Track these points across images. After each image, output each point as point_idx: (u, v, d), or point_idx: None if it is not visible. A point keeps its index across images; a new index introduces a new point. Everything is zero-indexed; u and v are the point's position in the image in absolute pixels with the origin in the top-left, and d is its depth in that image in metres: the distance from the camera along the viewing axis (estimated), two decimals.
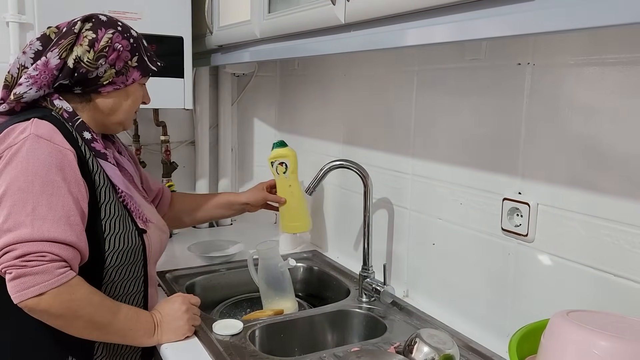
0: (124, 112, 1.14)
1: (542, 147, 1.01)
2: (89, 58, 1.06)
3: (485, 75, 1.13)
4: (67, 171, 0.99)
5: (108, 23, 1.10)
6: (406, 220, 1.38)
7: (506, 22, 0.72)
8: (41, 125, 1.00)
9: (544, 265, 1.02)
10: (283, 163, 1.61)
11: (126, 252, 1.09)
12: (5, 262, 0.92)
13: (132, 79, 1.12)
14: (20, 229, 0.93)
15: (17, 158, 0.97)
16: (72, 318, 0.97)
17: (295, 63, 1.90)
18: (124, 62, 1.10)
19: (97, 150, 1.08)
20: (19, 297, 0.92)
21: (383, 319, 1.27)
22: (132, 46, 1.11)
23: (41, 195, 0.95)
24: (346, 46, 1.03)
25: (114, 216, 1.07)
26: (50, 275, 0.92)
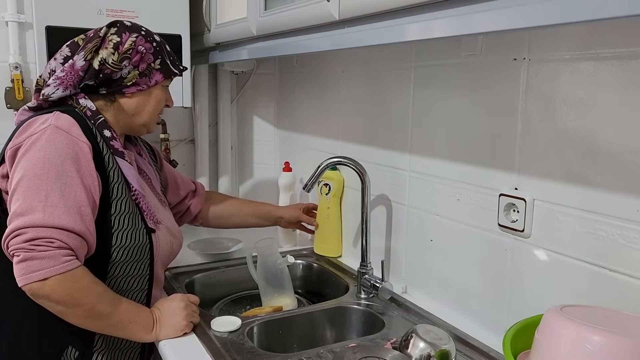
0: (147, 113, 1.18)
1: (538, 143, 1.01)
2: (113, 60, 1.10)
3: (481, 71, 1.13)
4: (82, 163, 1.02)
5: (132, 28, 1.15)
6: (404, 217, 1.38)
7: (504, 15, 0.71)
8: (62, 117, 1.04)
9: (540, 260, 1.02)
10: (327, 185, 1.63)
11: (132, 249, 1.10)
12: (15, 244, 0.94)
13: (155, 81, 1.16)
14: (32, 214, 0.95)
15: (35, 146, 1.00)
16: (73, 305, 0.98)
17: (294, 60, 1.90)
18: (147, 64, 1.14)
19: (115, 149, 1.11)
20: (24, 280, 0.94)
21: (381, 315, 1.27)
22: (155, 49, 1.15)
23: (55, 184, 0.98)
24: (341, 42, 1.03)
25: (124, 212, 1.09)
26: (56, 261, 0.94)
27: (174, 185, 1.44)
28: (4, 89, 1.72)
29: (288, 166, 1.73)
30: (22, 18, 1.72)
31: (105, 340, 1.10)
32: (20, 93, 1.71)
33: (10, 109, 1.73)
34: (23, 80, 1.72)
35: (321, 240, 1.68)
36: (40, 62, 1.50)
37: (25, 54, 1.75)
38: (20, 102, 1.71)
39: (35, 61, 1.73)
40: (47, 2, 1.48)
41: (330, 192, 1.63)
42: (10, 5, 1.70)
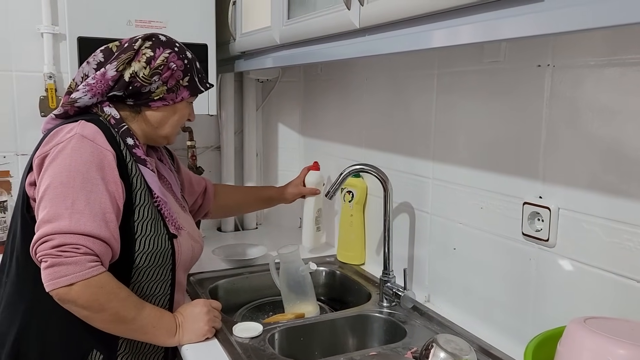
0: (170, 126, 1.21)
1: (563, 150, 0.99)
2: (144, 74, 1.13)
3: (504, 78, 1.11)
4: (107, 171, 1.05)
5: (166, 43, 1.17)
6: (427, 225, 1.37)
7: (531, 21, 0.70)
8: (87, 126, 1.07)
9: (565, 270, 1.00)
10: (350, 192, 1.63)
11: (155, 254, 1.12)
12: (43, 251, 0.97)
13: (181, 97, 1.19)
14: (59, 221, 0.98)
15: (61, 155, 1.03)
16: (98, 310, 1.00)
17: (318, 68, 1.91)
18: (175, 81, 1.16)
19: (138, 156, 1.13)
20: (51, 285, 0.96)
21: (403, 324, 1.26)
22: (186, 67, 1.17)
23: (81, 191, 1.01)
24: (362, 50, 1.03)
25: (146, 218, 1.11)
26: (82, 266, 0.97)
27: (189, 185, 1.47)
28: (38, 98, 1.78)
29: (317, 165, 1.69)
30: (57, 29, 1.78)
31: (129, 344, 1.12)
32: (53, 102, 1.77)
33: (45, 117, 1.79)
34: (56, 89, 1.78)
35: (344, 248, 1.68)
36: (73, 72, 1.54)
37: (58, 64, 1.81)
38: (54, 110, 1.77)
39: (67, 71, 1.79)
40: (79, 14, 1.53)
41: (353, 199, 1.63)
42: (45, 17, 1.76)
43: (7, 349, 1.07)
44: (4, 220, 1.74)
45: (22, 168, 1.81)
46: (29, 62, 1.78)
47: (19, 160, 1.81)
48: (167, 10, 1.61)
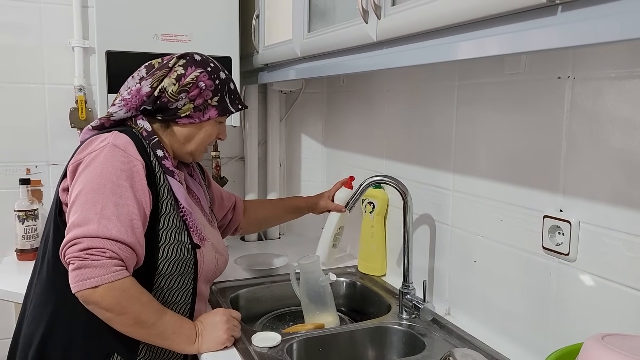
0: (195, 143, 1.23)
1: (584, 163, 0.98)
2: (172, 90, 1.17)
3: (525, 89, 1.10)
4: (136, 179, 1.09)
5: (200, 63, 1.20)
6: (447, 237, 1.36)
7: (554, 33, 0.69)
8: (119, 137, 1.11)
9: (586, 285, 0.98)
10: (371, 203, 1.64)
11: (177, 263, 1.15)
12: (71, 253, 1.01)
13: (208, 116, 1.21)
14: (88, 225, 1.02)
15: (94, 163, 1.08)
16: (120, 313, 1.03)
17: (341, 79, 1.92)
18: (203, 100, 1.19)
19: (167, 167, 1.17)
20: (77, 286, 1.00)
21: (422, 337, 1.25)
22: (216, 87, 1.20)
23: (110, 197, 1.05)
24: (379, 63, 1.04)
25: (171, 227, 1.14)
26: (107, 270, 1.00)
27: (219, 200, 1.49)
28: (69, 110, 1.84)
29: (350, 184, 1.62)
30: (87, 43, 1.85)
31: (149, 349, 1.14)
32: (83, 113, 1.83)
33: (74, 128, 1.85)
34: (86, 101, 1.84)
35: (365, 259, 1.68)
36: (101, 85, 1.60)
37: (88, 77, 1.87)
38: (84, 122, 1.83)
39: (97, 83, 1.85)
40: (107, 29, 1.58)
41: (374, 210, 1.63)
42: (76, 31, 1.83)
43: (34, 348, 1.10)
44: (35, 228, 1.80)
45: (52, 177, 1.87)
46: (60, 75, 1.85)
47: (50, 169, 1.87)
48: (192, 24, 1.65)
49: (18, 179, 1.79)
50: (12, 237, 1.80)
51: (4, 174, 1.82)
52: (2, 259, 1.81)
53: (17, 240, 1.79)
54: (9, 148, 1.82)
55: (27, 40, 1.80)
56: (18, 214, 1.77)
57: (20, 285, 1.54)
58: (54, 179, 1.88)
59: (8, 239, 1.81)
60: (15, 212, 1.78)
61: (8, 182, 1.82)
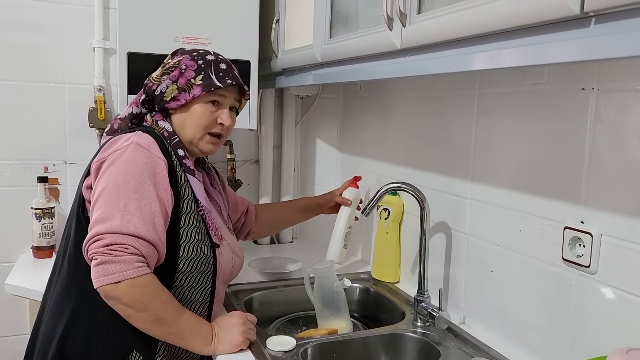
0: (189, 129, 1.20)
1: (607, 175, 0.97)
2: (156, 75, 1.21)
3: (547, 100, 1.10)
4: (158, 178, 1.10)
5: (187, 51, 1.23)
6: (464, 246, 1.36)
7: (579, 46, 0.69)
8: (143, 136, 1.14)
9: (607, 298, 0.97)
10: (387, 210, 1.63)
11: (197, 261, 1.16)
12: (94, 249, 1.02)
13: (193, 95, 1.18)
14: (111, 221, 1.03)
15: (118, 161, 1.09)
16: (141, 309, 1.04)
17: (358, 85, 1.93)
18: (186, 80, 1.18)
19: (187, 167, 1.18)
20: (100, 281, 1.01)
21: (437, 345, 1.25)
22: (199, 66, 1.19)
23: (133, 195, 1.06)
24: (402, 70, 1.05)
25: (191, 226, 1.15)
26: (129, 266, 1.01)
27: (233, 204, 1.50)
28: (88, 110, 1.86)
29: (355, 183, 1.64)
30: (107, 44, 1.86)
31: (167, 348, 1.15)
32: (102, 113, 1.85)
33: (93, 127, 1.87)
34: (105, 101, 1.86)
35: (379, 265, 1.68)
36: (121, 86, 1.61)
37: (108, 77, 1.88)
38: (102, 122, 1.84)
39: (116, 84, 1.86)
40: (129, 30, 1.59)
41: (389, 217, 1.63)
42: (97, 32, 1.84)
43: (55, 344, 1.11)
44: (52, 226, 1.82)
45: (70, 176, 1.89)
46: (80, 75, 1.86)
47: (67, 168, 1.89)
48: (212, 27, 1.67)
49: (36, 177, 1.81)
50: (28, 235, 1.82)
51: (23, 172, 1.84)
52: (19, 256, 1.83)
53: (34, 237, 1.80)
54: (28, 146, 1.84)
55: (48, 40, 1.82)
56: (35, 211, 1.79)
57: (36, 283, 1.56)
58: (71, 177, 1.89)
59: (25, 236, 1.83)
60: (33, 209, 1.79)
61: (26, 180, 1.84)
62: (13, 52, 1.79)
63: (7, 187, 1.83)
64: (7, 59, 1.79)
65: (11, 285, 1.57)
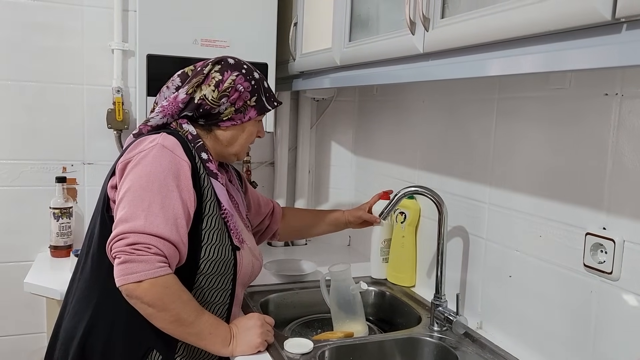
0: (239, 144, 1.27)
1: (630, 181, 0.97)
2: (213, 97, 1.20)
3: (569, 105, 1.10)
4: (182, 179, 1.11)
5: (234, 66, 1.24)
6: (482, 250, 1.35)
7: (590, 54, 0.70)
8: (168, 138, 1.15)
9: (630, 305, 0.97)
10: (403, 213, 1.64)
11: (218, 263, 1.17)
12: (117, 247, 1.04)
13: (249, 117, 1.24)
14: (135, 221, 1.04)
15: (144, 161, 1.11)
16: (162, 309, 1.05)
17: (374, 89, 1.93)
18: (243, 102, 1.22)
19: (210, 170, 1.20)
20: (122, 280, 1.02)
21: (454, 350, 1.25)
22: (253, 87, 1.24)
23: (157, 195, 1.07)
24: (425, 74, 1.05)
25: (213, 228, 1.16)
26: (151, 265, 1.02)
27: (256, 206, 1.50)
28: (106, 111, 1.87)
29: (387, 195, 1.64)
30: (126, 46, 1.88)
31: (187, 348, 1.16)
32: (120, 115, 1.86)
33: (111, 129, 1.88)
34: (123, 102, 1.87)
35: (395, 269, 1.68)
36: (140, 87, 1.63)
37: (126, 79, 1.90)
38: (120, 123, 1.86)
39: (135, 85, 1.88)
40: (149, 33, 1.61)
41: (405, 220, 1.63)
42: (116, 34, 1.86)
43: (76, 342, 1.12)
44: (69, 226, 1.83)
45: (88, 176, 1.91)
46: (99, 77, 1.88)
47: (85, 169, 1.91)
48: (231, 30, 1.68)
49: (54, 177, 1.83)
50: (46, 234, 1.84)
51: (41, 172, 1.86)
52: (37, 255, 1.85)
53: (52, 237, 1.82)
54: (47, 146, 1.86)
55: (68, 41, 1.84)
56: (53, 211, 1.81)
57: (54, 281, 1.58)
58: (89, 178, 1.91)
59: (43, 235, 1.85)
60: (51, 209, 1.81)
61: (45, 180, 1.86)
62: (33, 54, 1.81)
63: (26, 187, 1.85)
64: (27, 61, 1.81)
65: (30, 284, 1.59)
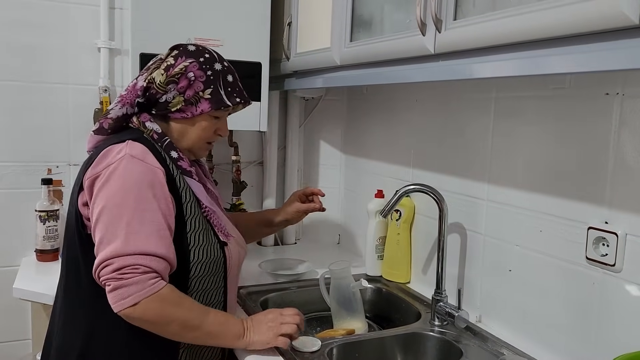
0: (190, 139, 1.18)
1: (632, 177, 1.01)
2: (160, 81, 1.13)
3: (569, 104, 1.14)
4: (157, 188, 1.07)
5: (192, 53, 1.16)
6: (480, 246, 1.39)
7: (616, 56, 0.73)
8: (135, 146, 1.08)
9: (633, 295, 1.01)
10: (398, 211, 1.65)
11: (209, 264, 1.15)
12: (105, 275, 1.01)
13: (201, 110, 1.14)
14: (115, 243, 1.01)
15: (114, 176, 1.05)
16: (166, 323, 1.04)
17: (364, 88, 1.95)
18: (194, 92, 1.13)
19: (183, 169, 1.15)
20: (118, 306, 1.00)
21: (457, 344, 1.28)
22: (208, 78, 1.14)
23: (135, 211, 1.03)
24: (436, 75, 1.06)
25: (198, 229, 1.14)
26: (143, 285, 1.00)
27: None
28: (93, 110, 1.83)
29: (381, 193, 1.73)
30: (113, 45, 1.84)
31: (189, 354, 1.15)
32: None
33: None
34: (110, 102, 1.83)
35: (390, 266, 1.70)
36: None
37: (113, 78, 1.86)
38: None
39: (122, 85, 1.85)
40: (142, 31, 1.58)
41: (400, 218, 1.65)
42: (103, 32, 1.82)
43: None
44: (56, 229, 1.78)
45: (73, 178, 1.85)
46: (85, 76, 1.84)
47: (71, 170, 1.86)
48: (224, 29, 1.66)
49: (40, 179, 1.77)
50: (31, 238, 1.79)
51: (25, 174, 1.80)
52: (22, 260, 1.79)
53: (38, 240, 1.77)
54: (31, 147, 1.80)
55: (52, 39, 1.79)
56: (39, 214, 1.76)
57: (42, 286, 1.53)
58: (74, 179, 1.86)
59: (28, 239, 1.79)
60: (37, 212, 1.76)
61: (29, 182, 1.80)
62: (17, 52, 1.76)
63: (10, 190, 1.79)
64: (10, 59, 1.75)
65: (20, 289, 1.54)
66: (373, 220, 1.73)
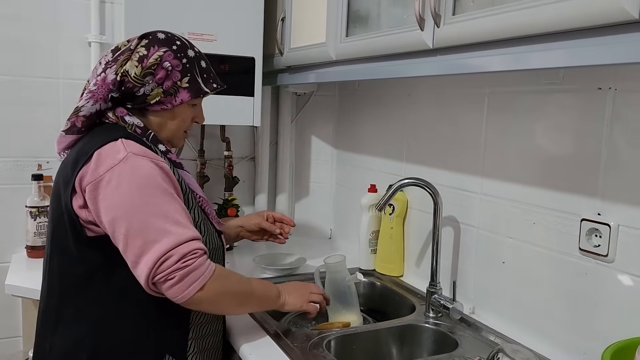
0: (169, 130, 1.15)
1: (625, 170, 1.04)
2: (135, 73, 1.07)
3: (562, 99, 1.16)
4: (170, 180, 1.06)
5: (163, 41, 1.11)
6: (473, 239, 1.41)
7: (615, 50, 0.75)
8: (130, 144, 1.04)
9: (625, 285, 1.04)
10: (391, 205, 1.67)
11: (212, 253, 1.15)
12: (167, 269, 0.98)
13: (180, 100, 1.11)
14: (166, 237, 0.99)
15: (125, 178, 1.00)
16: (228, 297, 1.10)
17: (356, 83, 1.96)
18: (172, 82, 1.10)
19: (174, 161, 1.14)
20: (187, 294, 1.00)
21: (452, 335, 1.30)
22: (185, 67, 1.11)
23: (164, 204, 1.02)
24: (433, 69, 1.08)
25: (198, 220, 1.14)
26: (205, 267, 1.03)
27: None
28: None
29: (374, 188, 1.76)
30: (104, 39, 1.83)
31: (197, 344, 1.15)
32: None
33: None
34: None
35: (383, 260, 1.72)
36: None
37: None
38: None
39: None
40: (135, 26, 1.55)
41: (394, 212, 1.67)
42: (94, 26, 1.80)
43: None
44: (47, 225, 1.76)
45: None
46: (75, 70, 1.82)
47: None
48: (218, 24, 1.66)
49: (30, 175, 1.75)
50: (21, 234, 1.77)
51: (15, 170, 1.78)
52: (12, 256, 1.77)
53: (28, 237, 1.75)
54: (21, 143, 1.78)
55: (43, 34, 1.77)
56: (30, 210, 1.74)
57: (29, 282, 1.52)
58: None
59: (17, 235, 1.77)
60: (28, 208, 1.74)
61: (19, 178, 1.78)
62: (6, 46, 1.73)
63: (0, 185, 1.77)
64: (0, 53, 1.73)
65: (12, 285, 1.53)
66: (366, 215, 1.75)
